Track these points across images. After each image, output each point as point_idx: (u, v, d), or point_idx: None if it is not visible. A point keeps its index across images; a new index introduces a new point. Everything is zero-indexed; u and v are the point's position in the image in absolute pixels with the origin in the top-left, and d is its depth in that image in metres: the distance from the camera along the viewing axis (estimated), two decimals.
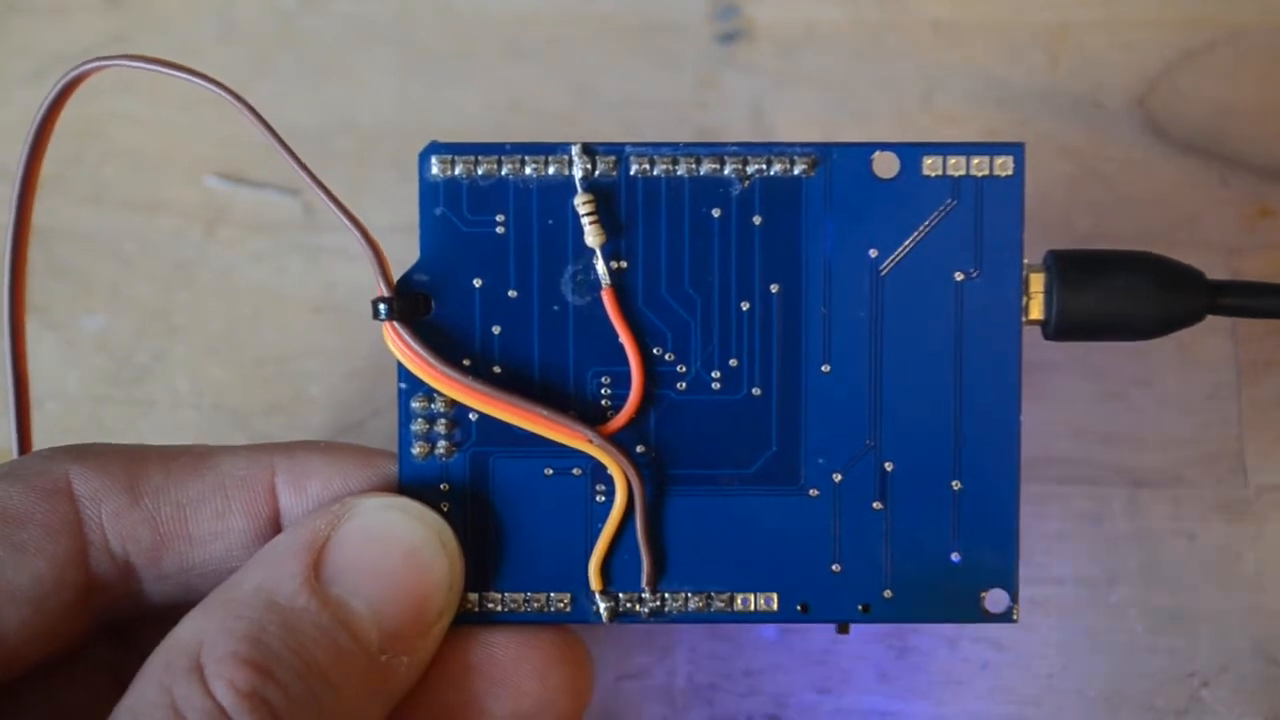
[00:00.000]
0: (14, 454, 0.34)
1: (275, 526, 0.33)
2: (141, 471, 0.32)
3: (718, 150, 0.32)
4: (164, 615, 0.31)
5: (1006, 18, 0.43)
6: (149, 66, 0.32)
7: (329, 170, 0.32)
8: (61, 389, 0.43)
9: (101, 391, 0.43)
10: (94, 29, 0.44)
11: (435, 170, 0.33)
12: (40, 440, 0.35)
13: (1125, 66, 0.43)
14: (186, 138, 0.44)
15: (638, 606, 0.33)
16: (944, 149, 0.32)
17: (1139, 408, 0.41)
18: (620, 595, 0.33)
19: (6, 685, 0.31)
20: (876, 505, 0.33)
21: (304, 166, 0.32)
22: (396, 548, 0.31)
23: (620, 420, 0.33)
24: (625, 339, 0.33)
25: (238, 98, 0.32)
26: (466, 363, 0.33)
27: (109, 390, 0.43)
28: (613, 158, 0.32)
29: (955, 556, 0.33)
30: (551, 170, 0.32)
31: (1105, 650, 0.40)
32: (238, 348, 0.43)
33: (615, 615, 0.33)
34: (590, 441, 0.33)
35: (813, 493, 0.33)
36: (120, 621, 0.34)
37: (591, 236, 0.32)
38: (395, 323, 0.32)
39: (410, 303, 0.33)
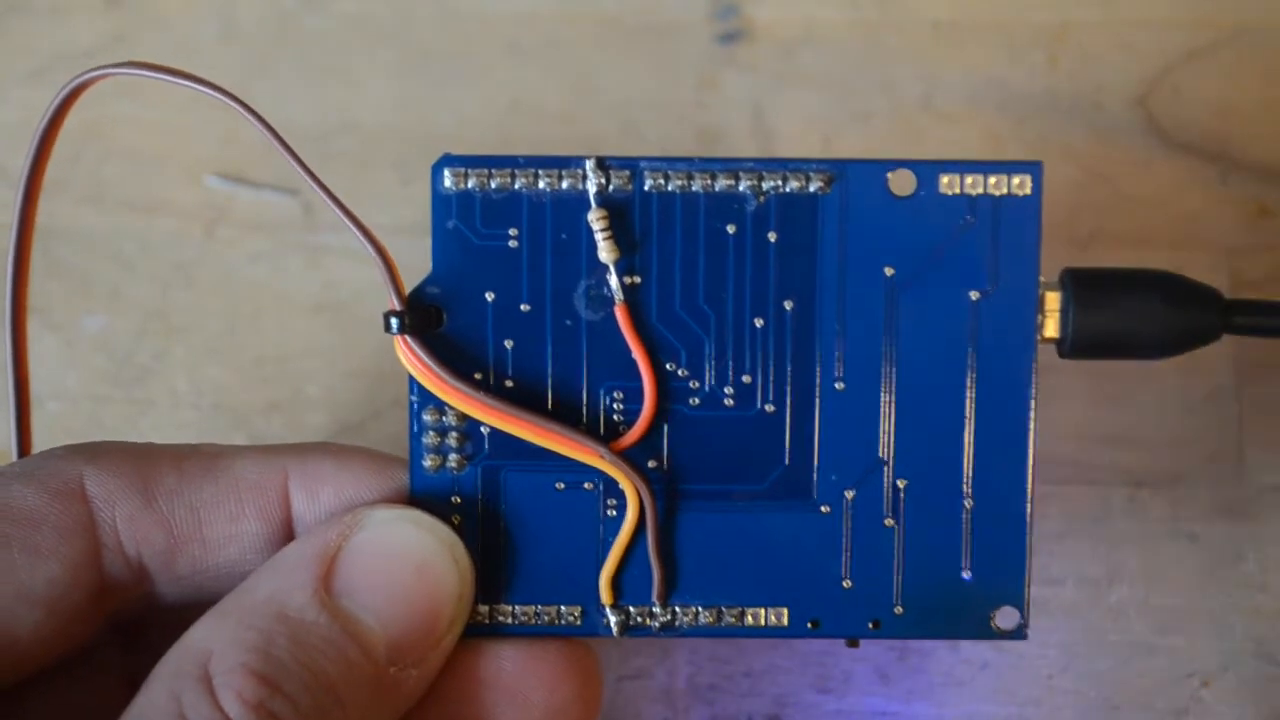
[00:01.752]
0: (13, 454, 0.34)
1: (288, 530, 0.33)
2: (154, 473, 0.32)
3: (733, 166, 0.32)
4: (176, 617, 0.31)
5: (1006, 18, 0.43)
6: (153, 75, 0.32)
7: (329, 171, 0.32)
8: (61, 389, 0.43)
9: (101, 391, 0.43)
10: (94, 29, 0.44)
11: (448, 183, 0.32)
12: (40, 440, 0.35)
13: (1125, 66, 0.43)
14: (186, 138, 0.44)
15: (648, 620, 0.33)
16: (961, 167, 0.32)
17: (1139, 408, 0.41)
18: (631, 609, 0.33)
19: (18, 687, 0.31)
20: (888, 522, 0.33)
21: (312, 174, 0.32)
22: (408, 561, 0.31)
23: (633, 436, 0.33)
24: (638, 354, 0.33)
25: (245, 106, 0.31)
26: (478, 376, 0.33)
27: (109, 390, 0.43)
28: (627, 172, 0.32)
29: (966, 574, 0.33)
30: (565, 184, 0.32)
31: (1105, 650, 0.41)
32: (237, 348, 0.43)
33: (625, 629, 0.33)
34: (602, 457, 0.32)
35: (824, 509, 0.33)
36: (132, 623, 0.34)
37: (605, 252, 0.32)
38: (407, 336, 0.32)
39: (422, 316, 0.32)
